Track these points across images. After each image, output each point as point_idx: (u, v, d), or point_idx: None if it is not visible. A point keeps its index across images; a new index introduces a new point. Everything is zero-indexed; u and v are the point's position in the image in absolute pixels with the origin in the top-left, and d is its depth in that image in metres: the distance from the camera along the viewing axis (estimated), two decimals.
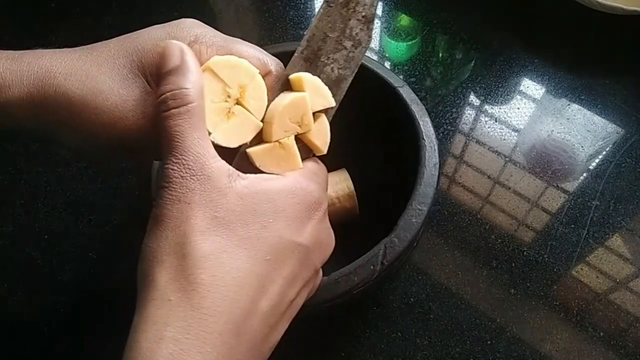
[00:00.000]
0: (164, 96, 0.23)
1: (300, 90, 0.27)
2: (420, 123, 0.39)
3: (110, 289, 0.45)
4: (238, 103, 0.26)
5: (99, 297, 0.46)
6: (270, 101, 0.27)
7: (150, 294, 0.20)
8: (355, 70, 0.29)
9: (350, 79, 0.29)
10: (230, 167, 0.23)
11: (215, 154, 0.23)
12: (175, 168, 0.22)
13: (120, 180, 0.52)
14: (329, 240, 0.27)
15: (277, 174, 0.26)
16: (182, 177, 0.22)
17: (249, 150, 0.26)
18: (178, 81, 0.23)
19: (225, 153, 0.26)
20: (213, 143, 0.24)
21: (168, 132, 0.23)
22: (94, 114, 0.25)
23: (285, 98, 0.26)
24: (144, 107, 0.25)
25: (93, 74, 0.25)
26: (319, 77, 0.28)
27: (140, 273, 0.21)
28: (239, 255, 0.21)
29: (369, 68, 0.41)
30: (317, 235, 0.25)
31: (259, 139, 0.27)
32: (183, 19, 0.27)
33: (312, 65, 0.28)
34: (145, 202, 0.35)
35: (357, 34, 0.28)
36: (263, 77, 0.27)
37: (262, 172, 0.26)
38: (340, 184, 0.43)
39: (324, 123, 0.28)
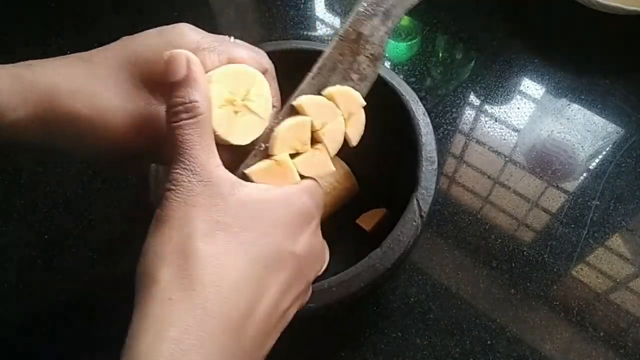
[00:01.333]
0: (175, 108, 0.24)
1: (303, 113, 0.28)
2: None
3: (111, 288, 0.45)
4: (244, 105, 0.27)
5: (99, 297, 0.46)
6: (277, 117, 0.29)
7: (151, 293, 0.20)
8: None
9: None
10: (233, 176, 0.24)
11: (220, 162, 0.24)
12: (183, 173, 0.23)
13: (120, 180, 0.52)
14: (322, 254, 0.27)
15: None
16: (189, 181, 0.22)
17: (247, 170, 0.27)
18: (188, 93, 0.24)
19: (230, 157, 0.27)
20: (225, 144, 0.26)
21: (178, 140, 0.23)
22: (102, 131, 0.25)
23: (293, 119, 0.28)
24: (150, 119, 0.26)
25: (98, 91, 0.25)
26: None
27: (141, 271, 0.22)
28: (239, 259, 0.22)
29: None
30: (310, 247, 0.25)
31: (262, 155, 0.28)
32: (178, 24, 0.27)
33: (320, 91, 0.30)
34: (145, 202, 0.35)
35: (364, 69, 0.30)
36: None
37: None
38: (335, 166, 0.44)
39: (341, 127, 0.30)
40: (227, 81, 0.26)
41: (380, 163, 0.44)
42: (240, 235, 0.22)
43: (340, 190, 0.43)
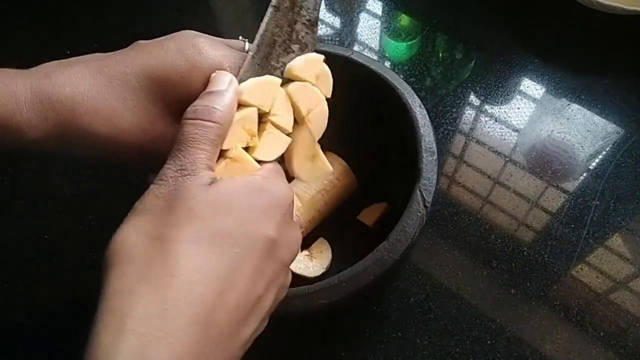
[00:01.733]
0: (195, 107, 0.24)
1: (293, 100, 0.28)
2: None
3: None
4: (269, 120, 0.27)
5: (98, 297, 0.46)
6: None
7: (115, 284, 0.20)
8: None
9: None
10: (216, 175, 0.24)
11: (214, 174, 0.24)
12: (173, 168, 0.23)
13: (120, 180, 0.52)
14: (296, 235, 0.27)
15: None
16: (174, 176, 0.22)
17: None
18: (214, 100, 0.24)
19: None
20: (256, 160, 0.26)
21: (184, 137, 0.23)
22: (120, 148, 0.26)
23: (238, 113, 0.27)
24: (166, 138, 0.26)
25: (119, 111, 0.25)
26: None
27: (107, 262, 0.21)
28: (209, 249, 0.21)
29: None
30: (284, 229, 0.25)
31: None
32: (191, 36, 0.27)
33: (263, 69, 0.29)
34: None
35: (302, 37, 0.30)
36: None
37: None
38: (333, 164, 0.44)
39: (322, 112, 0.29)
40: (255, 95, 0.26)
41: (378, 157, 0.44)
42: (213, 223, 0.22)
43: (339, 188, 0.44)
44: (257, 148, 0.26)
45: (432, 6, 0.66)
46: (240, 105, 0.27)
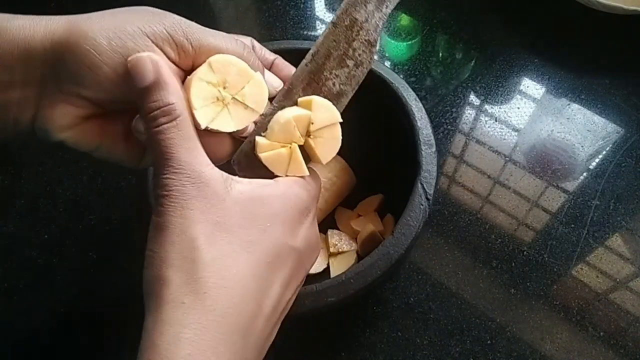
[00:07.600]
0: (153, 114, 0.24)
1: (307, 108, 0.28)
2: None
3: (110, 288, 0.45)
4: (234, 100, 0.27)
5: (98, 297, 0.46)
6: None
7: (163, 297, 0.21)
8: (356, 88, 0.31)
9: (350, 95, 0.30)
10: (224, 173, 0.24)
11: (209, 161, 0.24)
12: (174, 177, 0.23)
13: (120, 180, 0.52)
14: (317, 244, 0.28)
15: (273, 178, 0.27)
16: (182, 185, 0.23)
17: (261, 155, 0.27)
18: (162, 96, 0.24)
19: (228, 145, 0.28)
20: (209, 130, 0.25)
21: (161, 145, 0.23)
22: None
23: (295, 110, 0.28)
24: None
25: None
26: (321, 89, 0.29)
27: (149, 278, 0.22)
28: (242, 259, 0.22)
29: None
30: (308, 239, 0.26)
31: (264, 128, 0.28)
32: (155, 12, 0.25)
33: (316, 77, 0.29)
34: (145, 202, 0.35)
35: (359, 55, 0.30)
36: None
37: (265, 170, 0.27)
38: (332, 162, 0.44)
39: (335, 135, 0.29)
40: (220, 70, 0.25)
41: (375, 152, 0.44)
42: (241, 234, 0.23)
43: (339, 185, 0.44)
44: (218, 120, 0.26)
45: (432, 6, 0.66)
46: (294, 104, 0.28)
